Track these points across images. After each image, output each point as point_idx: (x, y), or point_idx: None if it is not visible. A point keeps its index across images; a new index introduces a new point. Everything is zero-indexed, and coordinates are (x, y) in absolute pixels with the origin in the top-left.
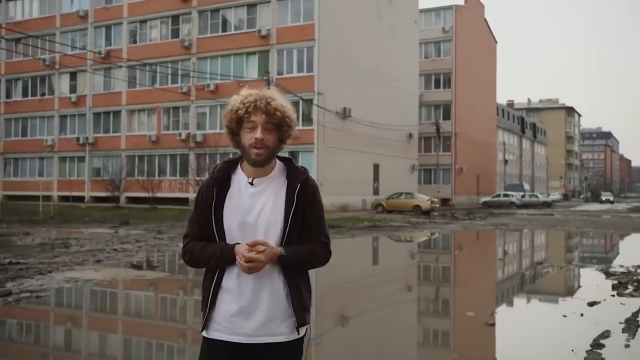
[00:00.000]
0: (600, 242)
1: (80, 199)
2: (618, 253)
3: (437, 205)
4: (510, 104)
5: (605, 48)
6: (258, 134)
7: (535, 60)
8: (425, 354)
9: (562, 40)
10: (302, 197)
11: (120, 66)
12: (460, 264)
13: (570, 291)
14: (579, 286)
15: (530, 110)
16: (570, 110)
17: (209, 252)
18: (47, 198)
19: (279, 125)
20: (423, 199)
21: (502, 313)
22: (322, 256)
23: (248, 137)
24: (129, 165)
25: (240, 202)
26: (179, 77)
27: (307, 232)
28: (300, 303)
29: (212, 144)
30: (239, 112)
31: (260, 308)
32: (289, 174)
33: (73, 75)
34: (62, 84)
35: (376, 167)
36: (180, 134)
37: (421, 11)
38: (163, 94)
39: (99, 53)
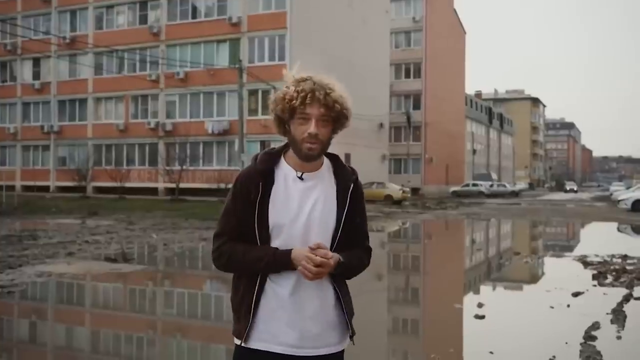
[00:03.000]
0: (572, 231)
1: (45, 188)
2: (590, 242)
3: (408, 195)
4: (478, 95)
5: (569, 41)
6: (312, 128)
7: (502, 51)
8: (421, 348)
9: (527, 31)
10: (354, 200)
11: (86, 52)
12: (440, 254)
13: (552, 282)
14: (560, 276)
15: (497, 100)
16: (535, 101)
17: (254, 256)
18: (10, 188)
19: (336, 119)
20: (395, 189)
21: (489, 305)
22: (366, 263)
23: (300, 130)
24: (96, 154)
25: (289, 197)
26: (148, 65)
27: (354, 235)
28: (350, 310)
29: (182, 133)
30: (294, 102)
31: (310, 316)
32: (337, 172)
33: (36, 61)
34: (25, 70)
35: (347, 157)
36: (149, 123)
37: (392, 0)
38: (131, 81)
39: (64, 38)
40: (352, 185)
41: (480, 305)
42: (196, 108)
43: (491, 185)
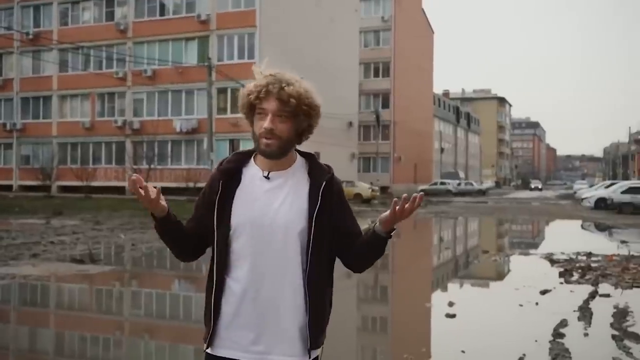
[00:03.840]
0: (538, 229)
1: (8, 188)
2: (556, 240)
3: (378, 194)
4: (446, 94)
5: (534, 41)
6: (267, 122)
7: (469, 51)
8: (393, 348)
9: (493, 32)
10: (328, 197)
11: (51, 49)
12: (409, 252)
13: (520, 279)
14: (528, 274)
15: (464, 100)
16: (501, 101)
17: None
18: None
19: (294, 114)
20: (364, 188)
21: (460, 303)
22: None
23: (258, 126)
24: (61, 152)
25: (253, 198)
26: (114, 62)
27: (348, 233)
28: (318, 320)
29: (150, 131)
30: (250, 96)
31: (275, 321)
32: (311, 171)
33: None
34: None
35: (317, 156)
36: (116, 121)
37: (361, 0)
38: (97, 79)
39: (27, 34)
40: (324, 182)
41: (451, 304)
42: (164, 106)
43: (459, 184)
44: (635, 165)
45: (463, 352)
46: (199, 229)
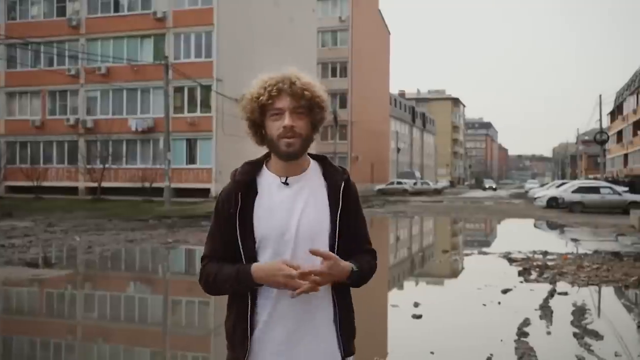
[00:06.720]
0: (495, 228)
1: None
2: (513, 239)
3: None
4: (402, 94)
5: (487, 43)
6: (287, 120)
7: (424, 51)
8: (362, 350)
9: (447, 33)
10: (347, 199)
11: None
12: None
13: (481, 279)
14: (488, 273)
15: (419, 100)
16: (456, 101)
17: (222, 277)
18: None
19: (310, 108)
20: None
21: (425, 304)
22: (375, 268)
23: (275, 127)
24: (10, 152)
25: (275, 206)
26: (66, 59)
27: (353, 239)
28: (349, 328)
29: (104, 130)
30: (261, 98)
31: (310, 337)
32: (326, 173)
33: None
34: None
35: None
36: (68, 119)
37: (318, 0)
38: (48, 76)
39: None
40: (343, 184)
41: (416, 304)
42: (119, 105)
43: (415, 184)
44: (583, 165)
45: (432, 353)
46: (231, 254)
